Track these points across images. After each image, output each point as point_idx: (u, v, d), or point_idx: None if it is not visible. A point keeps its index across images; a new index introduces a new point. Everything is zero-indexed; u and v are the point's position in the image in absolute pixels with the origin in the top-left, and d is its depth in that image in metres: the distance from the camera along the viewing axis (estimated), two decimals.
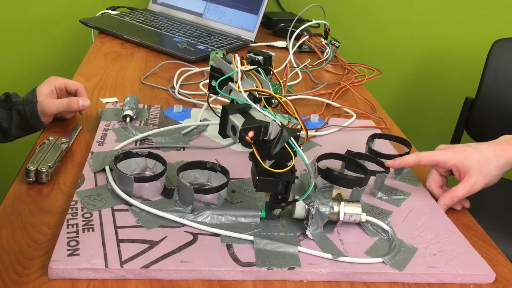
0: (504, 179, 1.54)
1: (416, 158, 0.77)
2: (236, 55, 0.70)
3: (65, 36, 1.68)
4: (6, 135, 0.85)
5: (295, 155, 0.61)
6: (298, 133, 0.61)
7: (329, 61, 1.33)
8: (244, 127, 0.59)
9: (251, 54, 0.78)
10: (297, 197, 0.65)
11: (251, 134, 0.60)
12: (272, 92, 0.65)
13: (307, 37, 1.39)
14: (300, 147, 0.61)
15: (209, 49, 1.28)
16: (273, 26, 1.56)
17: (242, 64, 0.69)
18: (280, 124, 0.61)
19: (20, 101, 0.83)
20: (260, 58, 0.77)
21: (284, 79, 1.09)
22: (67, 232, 0.60)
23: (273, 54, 0.80)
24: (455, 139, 1.63)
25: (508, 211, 1.36)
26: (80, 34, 1.58)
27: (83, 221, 0.62)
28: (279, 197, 0.65)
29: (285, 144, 0.60)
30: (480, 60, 1.56)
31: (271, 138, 0.61)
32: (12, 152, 1.26)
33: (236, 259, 0.60)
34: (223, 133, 0.64)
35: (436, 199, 0.77)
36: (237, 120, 0.61)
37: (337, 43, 1.34)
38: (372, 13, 1.79)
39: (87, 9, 1.58)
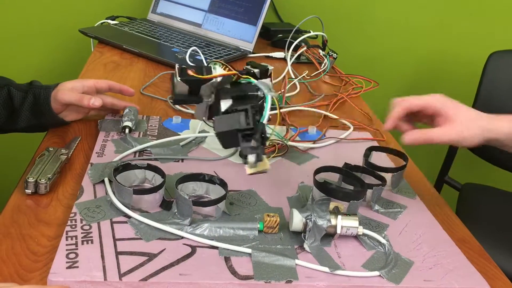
0: (501, 191, 1.56)
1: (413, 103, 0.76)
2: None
3: (64, 45, 1.69)
4: (14, 117, 0.87)
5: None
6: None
7: (327, 72, 1.34)
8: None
9: (248, 67, 0.79)
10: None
11: (190, 72, 0.65)
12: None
13: (305, 48, 1.40)
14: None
15: (208, 60, 1.29)
16: (271, 36, 1.57)
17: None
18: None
19: (39, 86, 0.88)
20: (257, 70, 0.78)
21: (282, 90, 1.10)
22: (66, 244, 0.60)
23: (271, 67, 0.80)
24: (452, 151, 1.64)
25: (504, 224, 1.37)
26: (79, 43, 1.58)
27: (82, 233, 0.63)
28: (246, 133, 0.62)
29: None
30: (477, 72, 1.58)
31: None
32: (11, 163, 1.26)
33: (234, 272, 0.60)
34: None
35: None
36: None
37: (335, 54, 1.35)
38: (369, 25, 1.81)
39: (87, 18, 1.59)
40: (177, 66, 0.67)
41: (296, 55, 1.36)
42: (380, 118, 1.15)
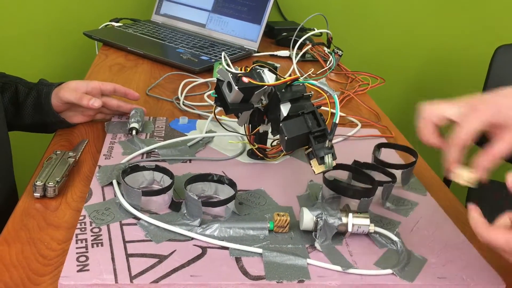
0: None
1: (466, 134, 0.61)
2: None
3: (68, 48, 1.69)
4: (19, 112, 0.88)
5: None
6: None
7: (332, 70, 1.33)
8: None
9: (257, 66, 0.79)
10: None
11: (246, 80, 0.64)
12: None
13: (310, 46, 1.39)
14: None
15: (213, 60, 1.28)
16: (276, 35, 1.57)
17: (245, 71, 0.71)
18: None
19: (44, 83, 0.89)
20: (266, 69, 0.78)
21: None
22: (76, 248, 0.60)
23: (278, 65, 0.80)
24: None
25: None
26: (84, 46, 1.58)
27: (91, 236, 0.62)
28: (317, 135, 0.61)
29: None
30: (484, 66, 1.57)
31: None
32: (18, 167, 1.27)
33: (245, 273, 0.60)
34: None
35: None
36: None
37: (340, 51, 1.35)
38: (374, 21, 1.80)
39: (90, 21, 1.59)
40: (230, 75, 0.66)
41: (301, 53, 1.35)
42: (388, 115, 1.14)
